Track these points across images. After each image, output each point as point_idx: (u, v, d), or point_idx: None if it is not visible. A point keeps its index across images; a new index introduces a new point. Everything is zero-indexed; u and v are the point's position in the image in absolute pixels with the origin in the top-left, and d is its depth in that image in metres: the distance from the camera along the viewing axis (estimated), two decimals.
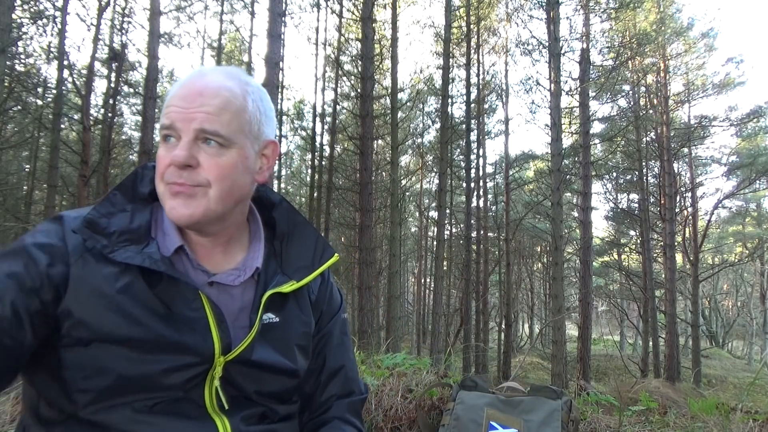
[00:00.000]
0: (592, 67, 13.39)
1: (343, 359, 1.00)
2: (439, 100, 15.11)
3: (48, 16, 11.35)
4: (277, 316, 0.87)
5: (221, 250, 0.87)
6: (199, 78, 0.80)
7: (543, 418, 1.56)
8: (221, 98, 0.78)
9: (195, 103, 0.77)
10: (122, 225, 0.79)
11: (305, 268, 0.92)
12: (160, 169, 0.79)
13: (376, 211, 13.42)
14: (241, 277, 0.87)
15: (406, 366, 2.30)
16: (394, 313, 11.24)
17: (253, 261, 0.89)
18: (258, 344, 0.83)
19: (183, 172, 0.77)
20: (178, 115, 0.77)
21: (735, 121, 16.31)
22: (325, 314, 0.99)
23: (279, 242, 0.94)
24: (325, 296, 0.99)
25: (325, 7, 14.67)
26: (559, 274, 10.44)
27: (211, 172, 0.78)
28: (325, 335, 0.98)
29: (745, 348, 26.04)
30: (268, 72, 7.16)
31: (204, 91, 0.78)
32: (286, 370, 0.87)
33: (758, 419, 1.88)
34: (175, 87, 0.81)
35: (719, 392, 12.84)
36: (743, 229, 24.65)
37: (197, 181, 0.78)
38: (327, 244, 0.96)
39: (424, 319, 22.66)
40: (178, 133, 0.78)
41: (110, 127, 12.65)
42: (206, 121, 0.77)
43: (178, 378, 0.75)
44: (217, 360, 0.78)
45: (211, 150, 0.78)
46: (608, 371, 17.08)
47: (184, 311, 0.78)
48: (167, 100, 0.80)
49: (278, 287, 0.87)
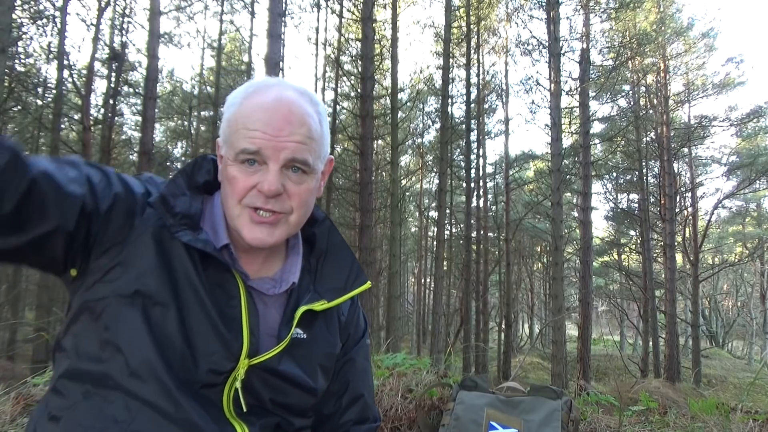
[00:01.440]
0: (592, 67, 13.38)
1: (364, 386, 1.01)
2: (439, 100, 15.12)
3: (48, 16, 11.35)
4: (305, 333, 0.88)
5: (262, 259, 0.89)
6: (281, 102, 0.79)
7: (543, 418, 1.56)
8: (307, 127, 0.80)
9: (284, 132, 0.78)
10: (184, 208, 0.81)
11: (338, 290, 0.92)
12: (238, 191, 0.79)
13: (376, 211, 13.41)
14: (276, 288, 0.88)
15: (406, 366, 2.30)
16: (394, 313, 11.24)
17: (290, 274, 0.89)
18: (285, 357, 0.84)
19: (270, 200, 0.79)
20: (267, 143, 0.77)
21: (735, 121, 16.32)
22: (352, 338, 1.00)
23: (315, 259, 0.95)
24: (353, 320, 1.00)
25: (325, 7, 14.68)
26: (559, 274, 10.44)
27: (295, 200, 0.81)
28: (349, 360, 0.99)
29: (745, 348, 26.03)
30: (268, 72, 7.16)
31: (291, 119, 0.78)
32: (306, 387, 0.87)
33: (758, 419, 1.88)
34: (252, 107, 0.80)
35: (719, 392, 12.83)
36: (743, 229, 24.65)
37: (283, 209, 0.80)
38: (361, 270, 0.96)
39: (424, 319, 22.65)
40: (263, 159, 0.78)
41: (110, 127, 12.65)
42: (297, 151, 0.78)
43: (204, 364, 0.76)
44: (241, 362, 0.79)
45: (296, 177, 0.80)
46: (608, 371, 17.07)
47: (222, 306, 0.79)
48: (244, 122, 0.79)
49: (310, 304, 0.87)
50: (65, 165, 0.72)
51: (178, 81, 19.35)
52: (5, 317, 13.93)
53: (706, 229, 16.95)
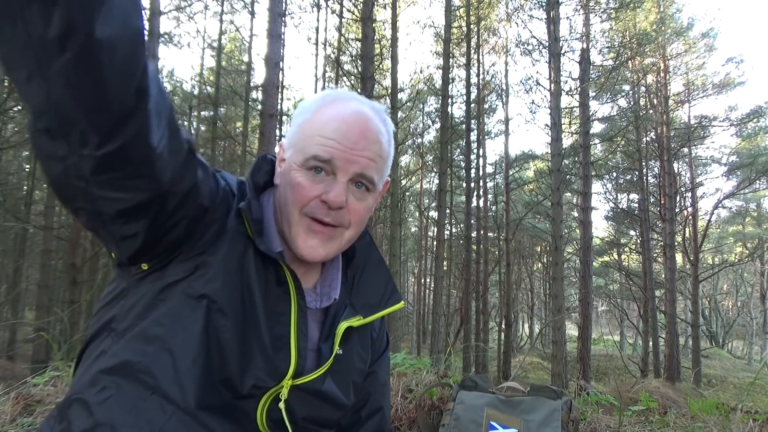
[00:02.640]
0: (592, 67, 13.38)
1: (383, 400, 1.00)
2: (439, 100, 15.11)
3: None
4: (341, 349, 0.86)
5: (304, 271, 0.87)
6: (361, 117, 0.79)
7: (543, 418, 1.56)
8: (379, 145, 0.80)
9: (359, 146, 0.77)
10: (257, 214, 0.79)
11: (373, 307, 0.92)
12: (301, 199, 0.78)
13: (376, 211, 13.42)
14: (317, 302, 0.86)
15: (406, 366, 2.30)
16: (394, 313, 11.24)
17: (331, 289, 0.88)
18: (328, 376, 0.83)
19: (332, 212, 0.78)
20: (341, 153, 0.76)
21: (735, 121, 16.32)
22: (376, 352, 0.99)
23: (352, 273, 0.93)
24: (381, 336, 1.01)
25: (325, 7, 14.68)
26: (559, 274, 10.44)
27: (354, 216, 0.80)
28: (372, 373, 0.98)
29: (745, 348, 26.02)
30: (268, 72, 7.15)
31: (367, 135, 0.78)
32: (340, 404, 0.86)
33: (758, 419, 1.88)
34: (331, 117, 0.79)
35: (719, 392, 12.82)
36: (743, 229, 24.65)
37: (341, 222, 0.79)
38: (395, 289, 0.96)
39: (424, 319, 22.64)
40: (332, 170, 0.77)
41: None
42: (367, 168, 0.78)
43: (247, 380, 0.74)
44: (285, 381, 0.77)
45: (359, 193, 0.80)
46: (608, 371, 17.06)
47: (275, 321, 0.77)
48: (320, 129, 0.78)
49: (348, 320, 0.86)
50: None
51: (178, 81, 19.35)
52: (5, 317, 13.93)
53: (706, 229, 16.94)
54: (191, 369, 0.70)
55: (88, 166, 0.56)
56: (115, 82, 0.51)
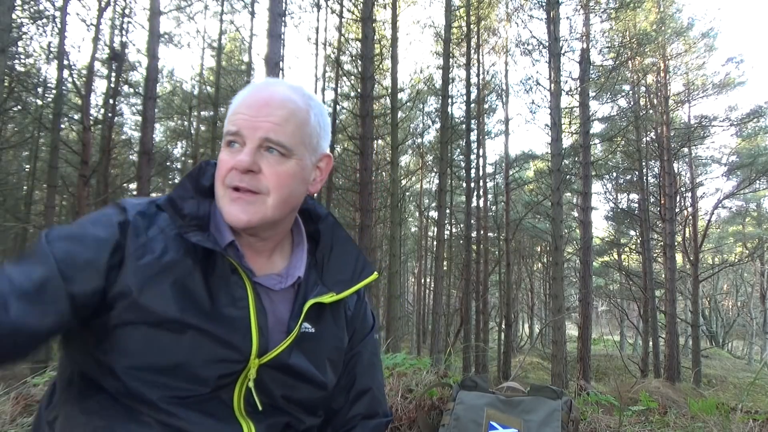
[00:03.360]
0: (592, 67, 13.38)
1: (372, 381, 1.01)
2: (439, 100, 15.11)
3: (48, 16, 11.36)
4: (313, 327, 0.88)
5: (266, 256, 0.90)
6: (266, 88, 0.84)
7: (543, 418, 1.56)
8: (287, 110, 0.82)
9: (262, 113, 0.80)
10: (192, 210, 0.83)
11: (345, 282, 0.93)
12: (221, 173, 0.82)
13: (376, 211, 13.42)
14: (282, 283, 0.88)
15: (406, 366, 2.30)
16: (394, 313, 11.24)
17: (295, 270, 0.90)
18: (294, 351, 0.84)
19: (245, 177, 0.80)
20: (245, 123, 0.80)
21: (735, 121, 16.31)
22: (358, 333, 1.00)
23: (321, 255, 0.95)
24: (360, 314, 1.01)
25: (325, 7, 14.67)
26: (559, 274, 10.44)
27: (271, 180, 0.81)
28: (356, 354, 0.99)
29: (745, 348, 26.02)
30: (268, 72, 7.16)
31: (270, 102, 0.81)
32: (316, 381, 0.87)
33: (758, 419, 1.88)
34: (241, 95, 0.84)
35: (719, 392, 12.82)
36: (743, 229, 24.64)
37: (257, 188, 0.81)
38: (367, 262, 0.97)
39: (424, 319, 22.65)
40: (243, 140, 0.81)
41: (110, 127, 12.64)
42: (271, 131, 0.80)
43: (213, 371, 0.76)
44: (252, 362, 0.79)
45: (273, 158, 0.81)
46: (608, 371, 17.06)
47: (229, 307, 0.79)
48: (233, 108, 0.83)
49: (319, 297, 0.88)
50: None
51: (178, 81, 19.37)
52: None
53: (706, 229, 16.94)
54: (158, 381, 0.74)
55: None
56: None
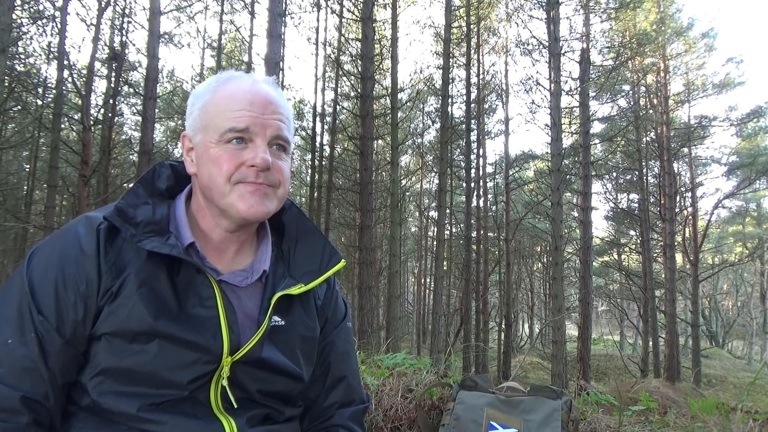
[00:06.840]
0: (592, 67, 13.38)
1: (346, 369, 1.01)
2: (439, 100, 15.11)
3: (48, 16, 11.35)
4: (283, 320, 0.88)
5: (234, 251, 0.89)
6: (261, 86, 0.85)
7: (543, 418, 1.56)
8: (286, 108, 0.86)
9: (268, 110, 0.83)
10: (147, 216, 0.82)
11: (313, 273, 0.93)
12: (228, 168, 0.81)
13: (376, 211, 13.40)
14: (248, 279, 0.88)
15: (406, 366, 2.30)
16: (394, 313, 11.23)
17: (261, 264, 0.90)
18: (265, 344, 0.84)
19: (261, 173, 0.82)
20: (254, 120, 0.81)
21: (735, 121, 16.34)
22: (330, 322, 1.00)
23: (287, 246, 0.95)
24: (331, 303, 1.00)
25: (325, 7, 14.66)
26: (559, 274, 10.44)
27: (281, 174, 0.85)
28: (329, 343, 0.99)
29: (745, 348, 26.02)
30: (268, 72, 7.16)
31: (273, 100, 0.84)
32: (291, 373, 0.87)
33: (758, 419, 1.88)
34: (233, 91, 0.83)
35: (719, 392, 12.83)
36: (743, 229, 24.64)
37: (272, 182, 0.84)
38: (335, 250, 0.97)
39: (424, 319, 22.64)
40: (250, 137, 0.81)
41: (110, 127, 12.62)
42: (281, 129, 0.84)
43: (185, 376, 0.76)
44: (224, 360, 0.79)
45: (278, 154, 0.85)
46: (608, 371, 17.07)
47: (197, 308, 0.79)
48: (227, 104, 0.82)
49: (286, 289, 0.88)
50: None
51: (178, 81, 19.32)
52: None
53: (706, 229, 16.95)
54: (133, 390, 0.76)
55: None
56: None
